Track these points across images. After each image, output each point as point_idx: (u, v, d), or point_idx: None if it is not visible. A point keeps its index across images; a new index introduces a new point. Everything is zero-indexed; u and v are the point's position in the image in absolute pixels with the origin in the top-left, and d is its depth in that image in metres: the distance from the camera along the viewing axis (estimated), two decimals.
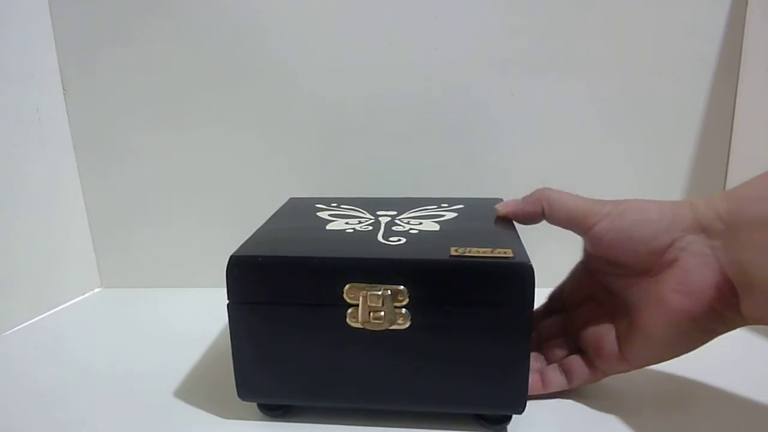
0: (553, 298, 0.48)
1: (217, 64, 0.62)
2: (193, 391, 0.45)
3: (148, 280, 0.70)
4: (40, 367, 0.51)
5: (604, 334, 0.40)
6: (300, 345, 0.38)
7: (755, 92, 0.58)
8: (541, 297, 0.56)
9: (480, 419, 0.39)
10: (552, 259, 0.46)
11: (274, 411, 0.41)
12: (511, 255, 0.36)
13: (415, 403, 0.38)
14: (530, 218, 0.42)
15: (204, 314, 0.60)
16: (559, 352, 0.43)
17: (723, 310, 0.34)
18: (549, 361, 0.44)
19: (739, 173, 0.62)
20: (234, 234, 0.68)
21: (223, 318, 0.38)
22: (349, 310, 0.36)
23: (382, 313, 0.36)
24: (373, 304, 0.36)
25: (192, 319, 0.60)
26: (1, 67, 0.56)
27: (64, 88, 0.64)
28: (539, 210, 0.41)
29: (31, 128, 0.60)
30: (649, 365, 0.40)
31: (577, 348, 0.43)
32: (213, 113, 0.64)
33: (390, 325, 0.36)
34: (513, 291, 0.35)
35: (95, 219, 0.68)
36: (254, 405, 0.42)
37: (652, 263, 0.36)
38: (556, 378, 0.42)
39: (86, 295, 0.68)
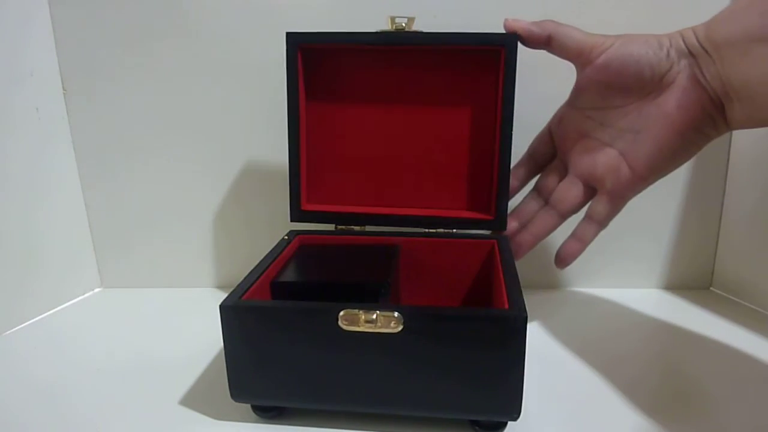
0: (537, 151, 0.52)
1: (218, 64, 0.63)
2: (189, 391, 0.46)
3: (148, 280, 0.70)
4: (41, 366, 0.51)
5: (614, 161, 0.44)
6: (293, 347, 0.38)
7: None
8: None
9: (475, 425, 0.39)
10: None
11: (267, 412, 0.41)
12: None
13: (408, 407, 0.38)
14: (534, 41, 0.46)
15: (203, 314, 0.60)
16: (572, 199, 0.48)
17: (715, 118, 0.40)
18: (563, 213, 0.48)
19: (739, 173, 0.62)
20: (234, 235, 0.69)
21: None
22: (342, 313, 0.36)
23: (375, 317, 0.36)
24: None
25: (192, 319, 0.60)
26: (1, 67, 0.56)
27: (64, 88, 0.64)
28: (545, 35, 0.45)
29: (31, 128, 0.60)
30: (660, 177, 0.45)
31: (586, 189, 0.47)
32: (213, 113, 0.64)
33: (383, 329, 0.36)
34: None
35: (95, 219, 0.68)
36: (248, 406, 0.42)
37: (653, 86, 0.42)
38: (586, 229, 0.47)
39: (86, 295, 0.68)
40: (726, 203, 0.64)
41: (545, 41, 0.46)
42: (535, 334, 0.55)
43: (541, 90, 0.60)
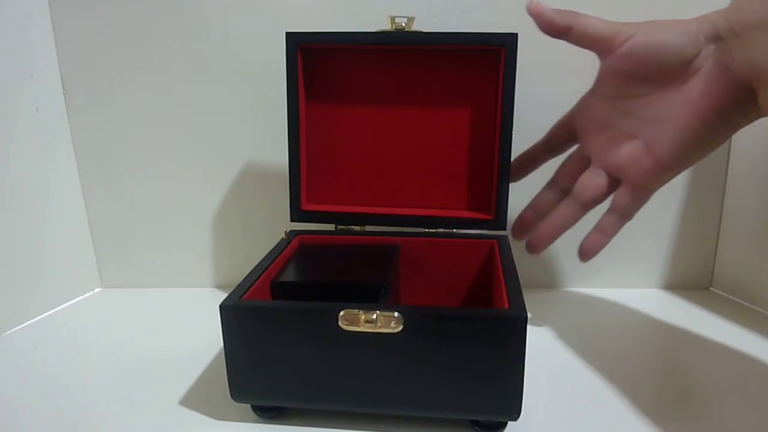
0: (554, 137, 0.51)
1: (218, 64, 0.62)
2: (189, 391, 0.46)
3: (148, 280, 0.70)
4: (41, 366, 0.51)
5: (637, 151, 0.43)
6: (293, 347, 0.38)
7: None
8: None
9: (475, 425, 0.39)
10: None
11: (267, 412, 0.41)
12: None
13: (408, 407, 0.38)
14: (554, 29, 0.44)
15: (203, 314, 0.61)
16: (595, 189, 0.46)
17: (744, 104, 0.38)
18: (585, 204, 0.46)
19: (739, 173, 0.62)
20: (233, 235, 0.69)
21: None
22: (342, 313, 0.36)
23: (375, 317, 0.36)
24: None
25: (192, 319, 0.60)
26: (1, 67, 0.56)
27: (64, 88, 0.64)
28: (566, 24, 0.43)
29: (31, 128, 0.60)
30: (686, 167, 0.43)
31: (609, 179, 0.45)
32: (213, 113, 0.64)
33: (383, 329, 0.36)
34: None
35: (95, 219, 0.68)
36: (248, 406, 0.42)
37: (679, 73, 0.40)
38: (610, 222, 0.46)
39: (86, 295, 0.68)
40: (726, 203, 0.64)
41: (564, 31, 0.44)
42: (535, 334, 0.55)
43: (540, 90, 0.60)
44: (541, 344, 0.53)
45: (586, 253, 0.47)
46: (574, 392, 0.45)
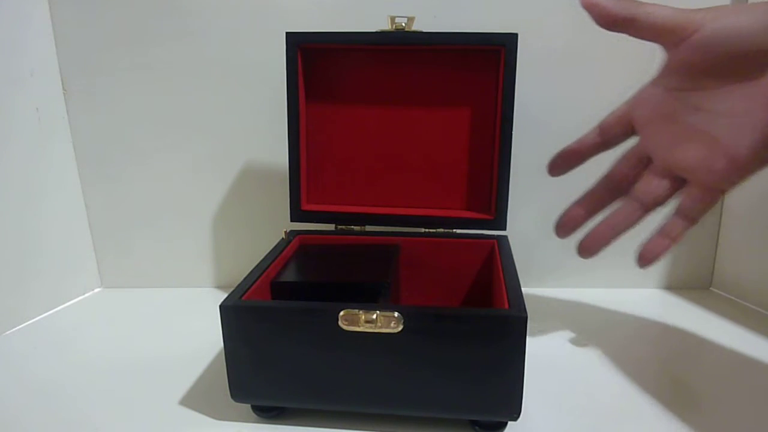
0: (609, 131, 0.44)
1: (218, 64, 0.62)
2: (189, 391, 0.45)
3: (148, 280, 0.70)
4: (41, 366, 0.51)
5: (708, 150, 0.38)
6: (293, 347, 0.38)
7: None
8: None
9: (475, 425, 0.39)
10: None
11: (267, 412, 0.41)
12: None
13: (408, 407, 0.38)
14: (612, 21, 0.38)
15: (203, 314, 0.61)
16: (659, 190, 0.41)
17: None
18: (648, 206, 0.42)
19: None
20: (234, 234, 0.69)
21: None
22: (342, 313, 0.36)
23: (375, 317, 0.36)
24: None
25: (191, 319, 0.60)
26: (1, 67, 0.56)
27: (64, 88, 0.64)
28: (627, 15, 0.37)
29: (31, 128, 0.60)
30: (763, 168, 0.37)
31: (674, 180, 0.40)
32: (213, 113, 0.64)
33: (383, 329, 0.36)
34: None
35: (95, 219, 0.68)
36: (248, 406, 0.42)
37: (758, 64, 0.35)
38: (676, 225, 0.41)
39: (86, 295, 0.68)
40: (726, 203, 0.64)
41: (626, 23, 0.38)
42: (535, 334, 0.55)
43: (540, 90, 0.60)
44: (540, 344, 0.53)
45: (647, 258, 0.42)
46: (574, 392, 0.45)
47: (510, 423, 0.39)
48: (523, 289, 0.39)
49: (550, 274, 0.68)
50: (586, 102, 0.62)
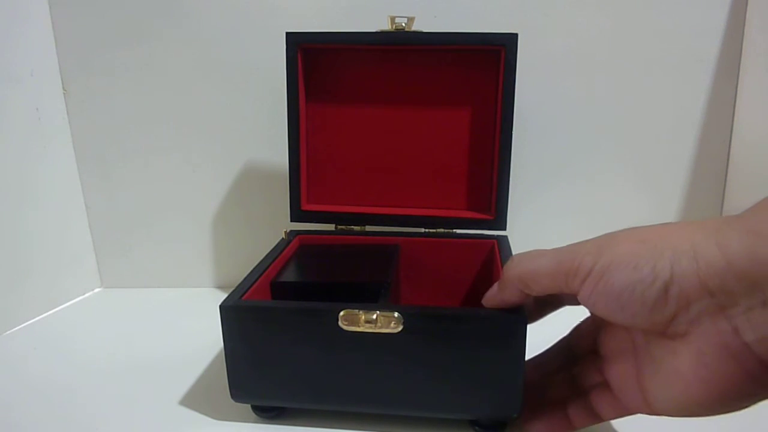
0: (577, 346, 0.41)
1: (218, 64, 0.62)
2: (189, 391, 0.45)
3: (148, 280, 0.70)
4: (40, 366, 0.51)
5: (629, 376, 0.32)
6: (293, 347, 0.38)
7: (755, 92, 0.58)
8: None
9: (474, 425, 0.39)
10: None
11: (267, 413, 0.41)
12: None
13: (408, 407, 0.38)
14: (517, 306, 0.36)
15: (203, 314, 0.60)
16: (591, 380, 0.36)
17: (764, 382, 0.26)
18: (581, 386, 0.37)
19: (739, 173, 0.62)
20: (234, 235, 0.69)
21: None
22: (342, 313, 0.36)
23: (375, 317, 0.36)
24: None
25: (192, 319, 0.60)
26: (1, 67, 0.56)
27: (64, 88, 0.64)
28: (521, 296, 0.34)
29: (31, 128, 0.60)
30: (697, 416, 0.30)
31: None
32: (213, 113, 0.64)
33: (383, 329, 0.36)
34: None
35: (95, 219, 0.68)
36: (248, 406, 0.42)
37: (662, 328, 0.28)
38: (582, 417, 0.36)
39: (86, 295, 0.68)
40: (726, 203, 0.64)
41: (527, 297, 0.35)
42: (536, 334, 0.55)
43: (541, 90, 0.60)
44: (541, 344, 0.53)
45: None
46: None
47: (510, 423, 0.39)
48: None
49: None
50: (586, 102, 0.62)
